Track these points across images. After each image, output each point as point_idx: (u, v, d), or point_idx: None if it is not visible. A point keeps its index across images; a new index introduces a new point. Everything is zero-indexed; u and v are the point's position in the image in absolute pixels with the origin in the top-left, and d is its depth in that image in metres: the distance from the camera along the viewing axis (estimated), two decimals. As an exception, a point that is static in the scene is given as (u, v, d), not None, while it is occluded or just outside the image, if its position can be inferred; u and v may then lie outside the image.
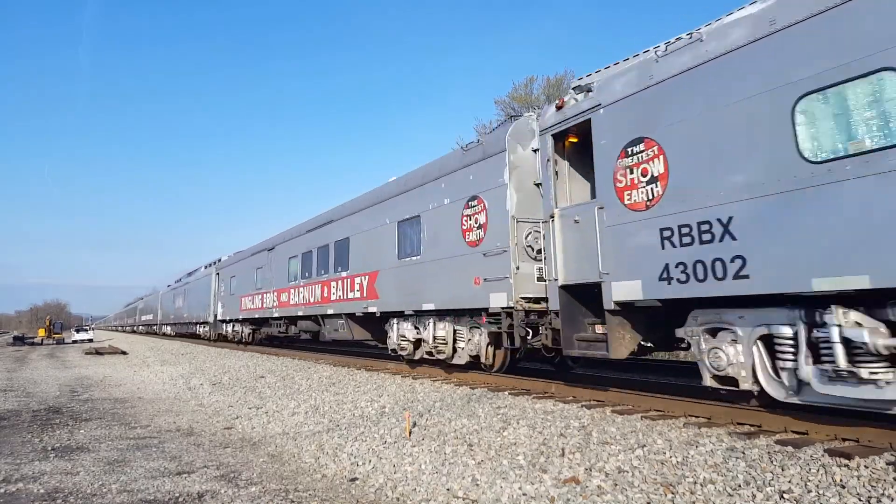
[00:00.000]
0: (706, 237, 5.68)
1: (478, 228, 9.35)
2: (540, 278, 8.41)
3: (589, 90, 7.41)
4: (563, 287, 7.60)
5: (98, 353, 30.35)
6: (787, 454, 4.75)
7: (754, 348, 5.55)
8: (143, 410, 11.18)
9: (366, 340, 14.50)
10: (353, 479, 5.86)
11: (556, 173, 8.06)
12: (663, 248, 6.11)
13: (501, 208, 8.84)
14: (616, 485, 4.58)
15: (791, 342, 5.21)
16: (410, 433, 6.91)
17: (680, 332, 6.31)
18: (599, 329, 7.32)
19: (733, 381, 5.81)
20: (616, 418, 6.49)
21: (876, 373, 4.59)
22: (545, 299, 8.14)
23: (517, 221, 8.61)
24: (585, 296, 7.48)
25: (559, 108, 7.91)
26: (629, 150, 6.64)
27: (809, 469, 4.36)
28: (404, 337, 11.78)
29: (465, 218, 9.71)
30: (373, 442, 6.87)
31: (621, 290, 6.62)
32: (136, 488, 5.73)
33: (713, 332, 6.00)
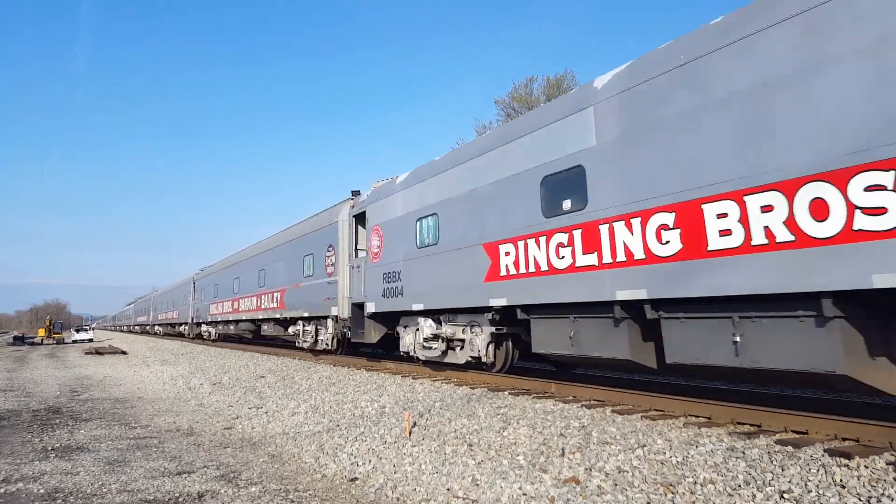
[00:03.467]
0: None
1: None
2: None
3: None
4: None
5: (98, 352, 30.36)
6: (787, 454, 4.75)
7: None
8: (143, 410, 11.18)
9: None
10: (354, 479, 5.86)
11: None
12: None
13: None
14: (616, 485, 4.58)
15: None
16: (410, 433, 6.90)
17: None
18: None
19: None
20: (616, 418, 6.49)
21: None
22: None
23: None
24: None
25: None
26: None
27: (809, 469, 4.36)
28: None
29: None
30: (373, 442, 6.87)
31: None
32: (136, 488, 5.73)
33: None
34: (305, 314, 16.46)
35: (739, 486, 4.26)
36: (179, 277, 44.45)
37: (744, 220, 5.35)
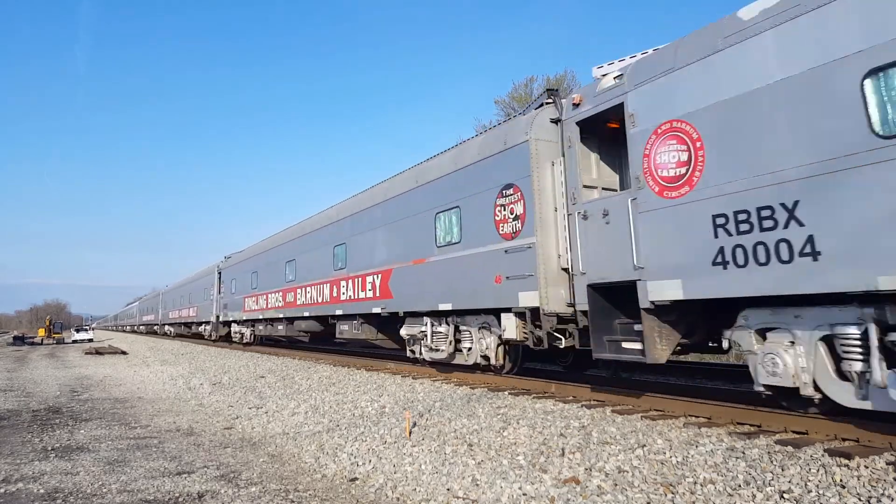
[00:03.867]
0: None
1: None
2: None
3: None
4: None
5: (98, 352, 30.35)
6: (787, 454, 4.75)
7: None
8: (143, 410, 11.18)
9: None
10: (353, 479, 5.86)
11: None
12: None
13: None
14: (616, 485, 4.58)
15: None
16: (410, 433, 6.91)
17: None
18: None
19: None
20: (616, 418, 6.49)
21: None
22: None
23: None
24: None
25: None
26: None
27: (809, 469, 4.36)
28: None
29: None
30: (373, 442, 6.88)
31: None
32: (136, 488, 5.74)
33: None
34: (443, 306, 10.09)
35: (739, 486, 4.26)
36: (182, 276, 39.75)
37: None
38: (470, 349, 9.84)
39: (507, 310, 8.55)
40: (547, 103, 8.53)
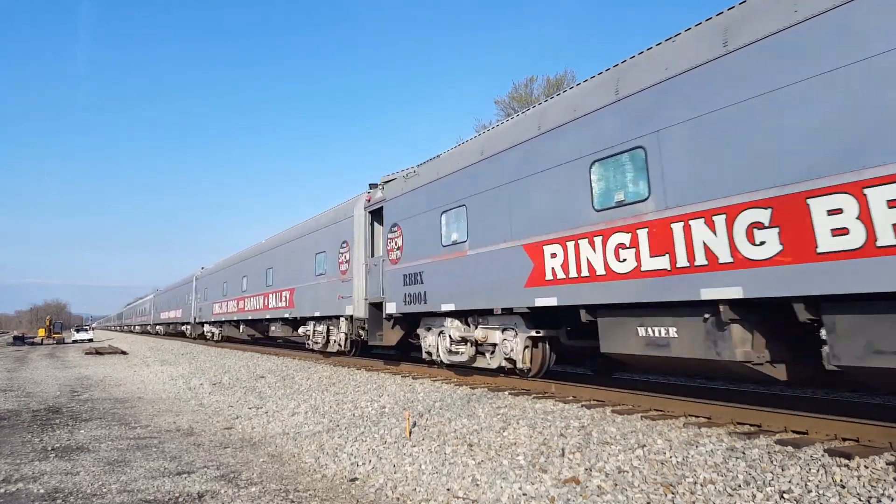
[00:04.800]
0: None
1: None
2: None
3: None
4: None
5: (98, 352, 30.36)
6: (787, 454, 4.75)
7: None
8: (143, 410, 11.18)
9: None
10: (353, 480, 5.86)
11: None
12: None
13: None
14: (616, 485, 4.58)
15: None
16: (410, 433, 6.90)
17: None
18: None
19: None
20: (616, 418, 6.49)
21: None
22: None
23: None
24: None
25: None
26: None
27: (809, 469, 4.36)
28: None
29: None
30: (373, 442, 6.87)
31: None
32: (136, 488, 5.73)
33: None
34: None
35: (739, 486, 4.26)
36: (180, 276, 44.23)
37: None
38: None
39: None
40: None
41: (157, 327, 48.91)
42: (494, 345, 9.46)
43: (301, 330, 17.43)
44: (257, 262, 21.94)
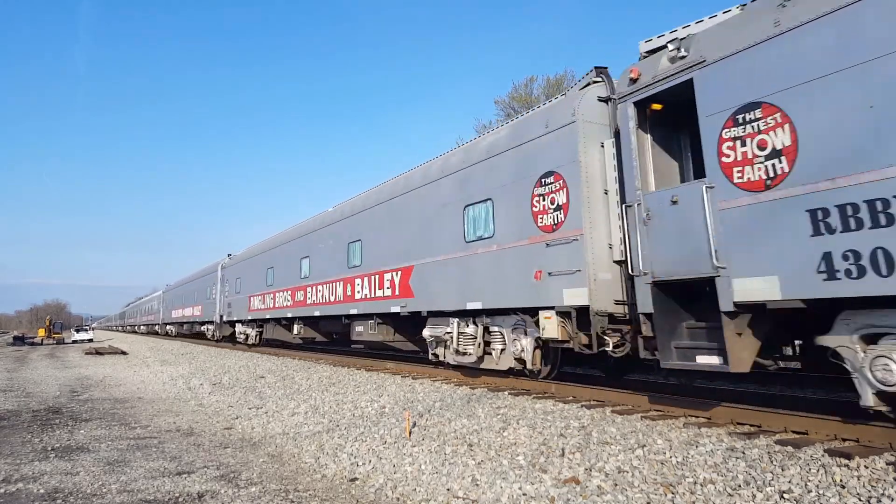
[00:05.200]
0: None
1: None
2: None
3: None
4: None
5: (98, 353, 30.35)
6: (787, 454, 4.75)
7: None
8: (143, 410, 11.18)
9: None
10: (353, 479, 5.86)
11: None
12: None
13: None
14: (616, 485, 4.58)
15: None
16: (410, 433, 6.91)
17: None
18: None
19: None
20: (616, 418, 6.49)
21: None
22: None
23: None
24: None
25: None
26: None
27: (809, 469, 4.36)
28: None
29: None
30: (373, 442, 6.87)
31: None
32: (136, 488, 5.73)
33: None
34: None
35: (739, 486, 4.26)
36: (180, 275, 40.57)
37: None
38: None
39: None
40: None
41: (168, 327, 42.69)
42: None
43: (428, 332, 10.89)
44: (326, 237, 15.63)
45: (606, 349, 7.14)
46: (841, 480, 4.11)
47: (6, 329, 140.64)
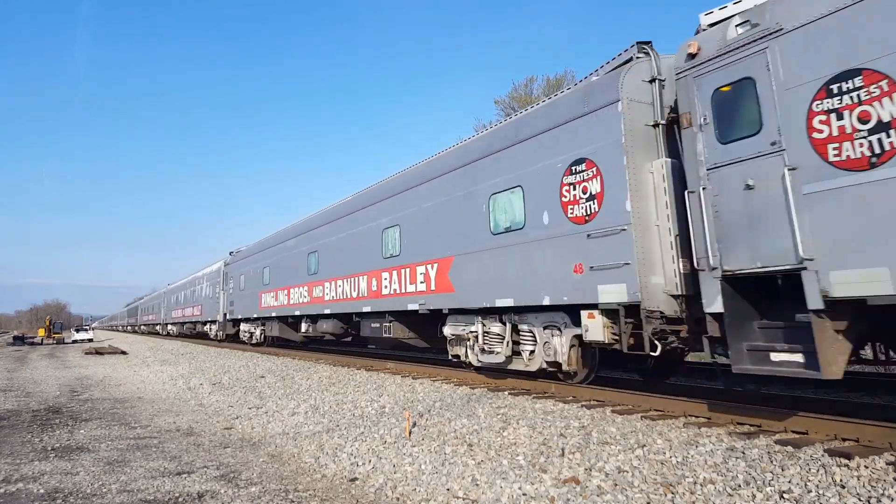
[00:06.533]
0: None
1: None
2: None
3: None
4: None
5: (98, 352, 30.36)
6: (787, 454, 4.75)
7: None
8: (143, 410, 11.18)
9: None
10: (353, 479, 5.86)
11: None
12: None
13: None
14: (616, 485, 4.58)
15: None
16: (410, 433, 6.90)
17: None
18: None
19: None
20: (616, 418, 6.48)
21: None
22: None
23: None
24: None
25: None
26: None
27: (809, 469, 4.35)
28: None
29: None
30: (373, 442, 6.87)
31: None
32: (136, 488, 5.73)
33: None
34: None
35: (739, 486, 4.26)
36: (181, 275, 40.51)
37: None
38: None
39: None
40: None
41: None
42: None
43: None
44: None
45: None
46: (841, 480, 4.10)
47: (6, 329, 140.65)
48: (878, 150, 4.62)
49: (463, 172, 10.04)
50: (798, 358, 5.11)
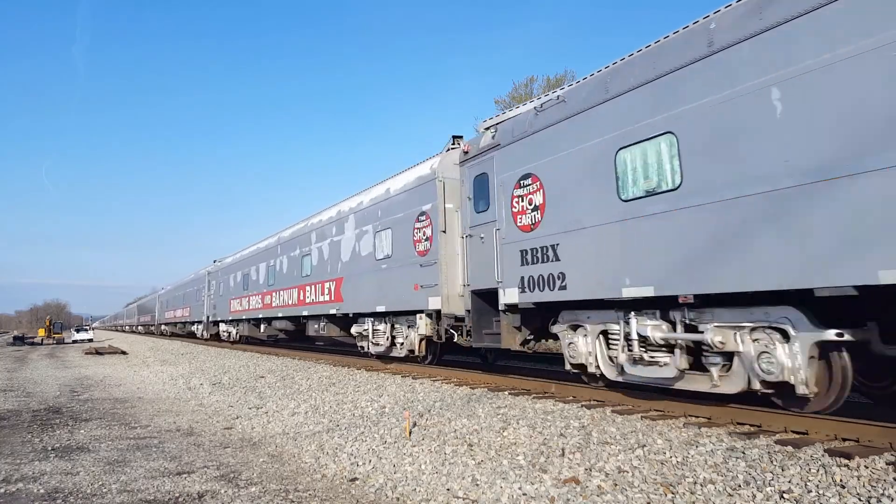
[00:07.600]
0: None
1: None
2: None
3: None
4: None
5: (98, 352, 30.37)
6: (787, 454, 4.75)
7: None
8: (143, 410, 11.18)
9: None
10: (353, 479, 5.86)
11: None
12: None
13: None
14: (616, 485, 4.58)
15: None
16: (410, 433, 6.90)
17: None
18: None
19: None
20: (616, 418, 6.49)
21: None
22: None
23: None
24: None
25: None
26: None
27: (809, 469, 4.36)
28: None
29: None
30: (373, 442, 6.87)
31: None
32: (136, 488, 5.73)
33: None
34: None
35: (739, 486, 4.26)
36: (184, 274, 43.00)
37: None
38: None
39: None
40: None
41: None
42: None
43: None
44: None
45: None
46: (841, 480, 4.11)
47: (6, 329, 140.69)
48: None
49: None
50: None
